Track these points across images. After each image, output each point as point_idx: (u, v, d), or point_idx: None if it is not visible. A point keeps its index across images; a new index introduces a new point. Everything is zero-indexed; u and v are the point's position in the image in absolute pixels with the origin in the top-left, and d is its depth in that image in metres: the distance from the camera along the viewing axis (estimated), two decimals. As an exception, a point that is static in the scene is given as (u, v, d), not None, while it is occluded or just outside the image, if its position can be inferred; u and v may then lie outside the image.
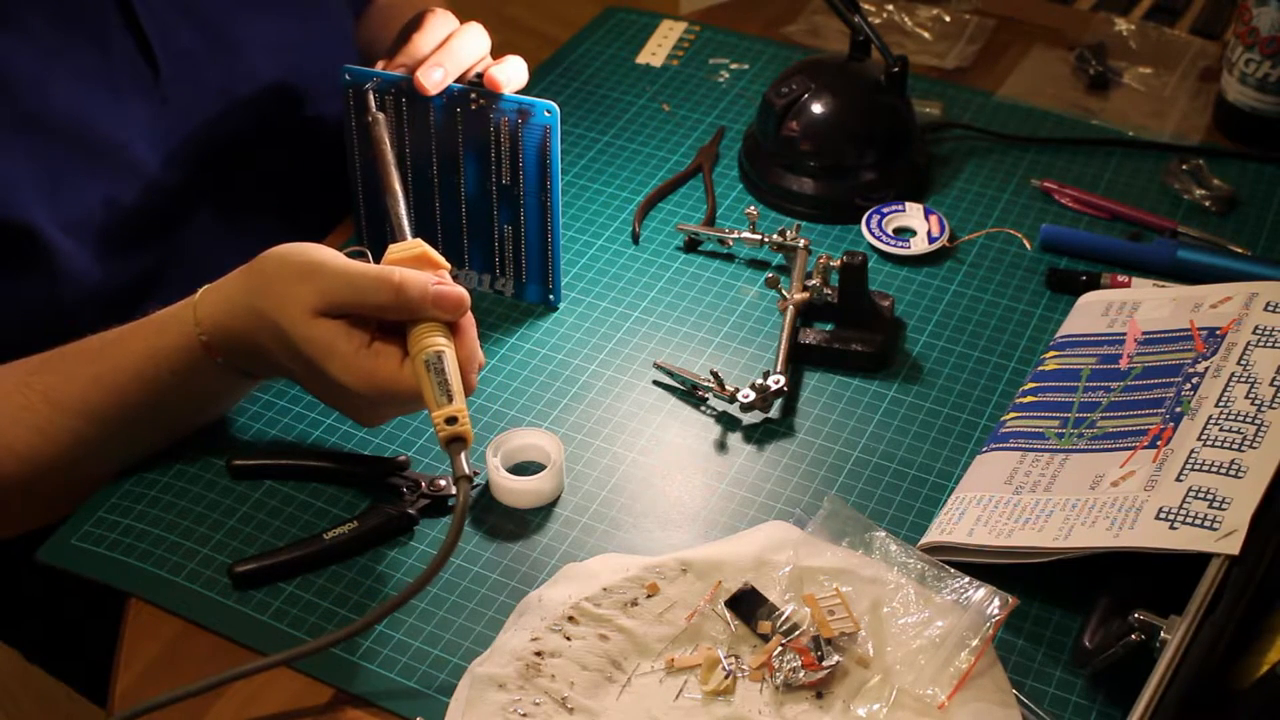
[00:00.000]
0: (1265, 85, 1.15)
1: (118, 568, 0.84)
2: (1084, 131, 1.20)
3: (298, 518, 0.87)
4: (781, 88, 1.11)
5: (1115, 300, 0.98)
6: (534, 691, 0.74)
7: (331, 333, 0.78)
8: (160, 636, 0.81)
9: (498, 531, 0.86)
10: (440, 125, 0.95)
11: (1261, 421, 0.80)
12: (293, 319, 0.78)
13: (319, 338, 0.78)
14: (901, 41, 1.32)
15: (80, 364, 0.85)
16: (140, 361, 0.84)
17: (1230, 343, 0.88)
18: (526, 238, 0.98)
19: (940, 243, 1.06)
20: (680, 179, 1.15)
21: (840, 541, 0.81)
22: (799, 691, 0.75)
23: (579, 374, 0.97)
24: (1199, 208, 1.11)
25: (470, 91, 0.93)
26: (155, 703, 0.74)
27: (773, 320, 1.01)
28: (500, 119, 0.93)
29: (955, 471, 0.89)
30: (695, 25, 1.35)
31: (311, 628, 0.80)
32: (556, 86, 1.26)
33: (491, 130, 0.94)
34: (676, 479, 0.89)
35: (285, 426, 0.93)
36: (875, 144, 1.11)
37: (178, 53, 0.97)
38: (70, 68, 0.91)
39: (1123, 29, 1.33)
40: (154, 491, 0.88)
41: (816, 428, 0.93)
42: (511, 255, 1.00)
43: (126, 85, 0.94)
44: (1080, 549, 0.77)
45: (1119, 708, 0.75)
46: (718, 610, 0.78)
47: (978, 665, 0.74)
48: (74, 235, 0.91)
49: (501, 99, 0.93)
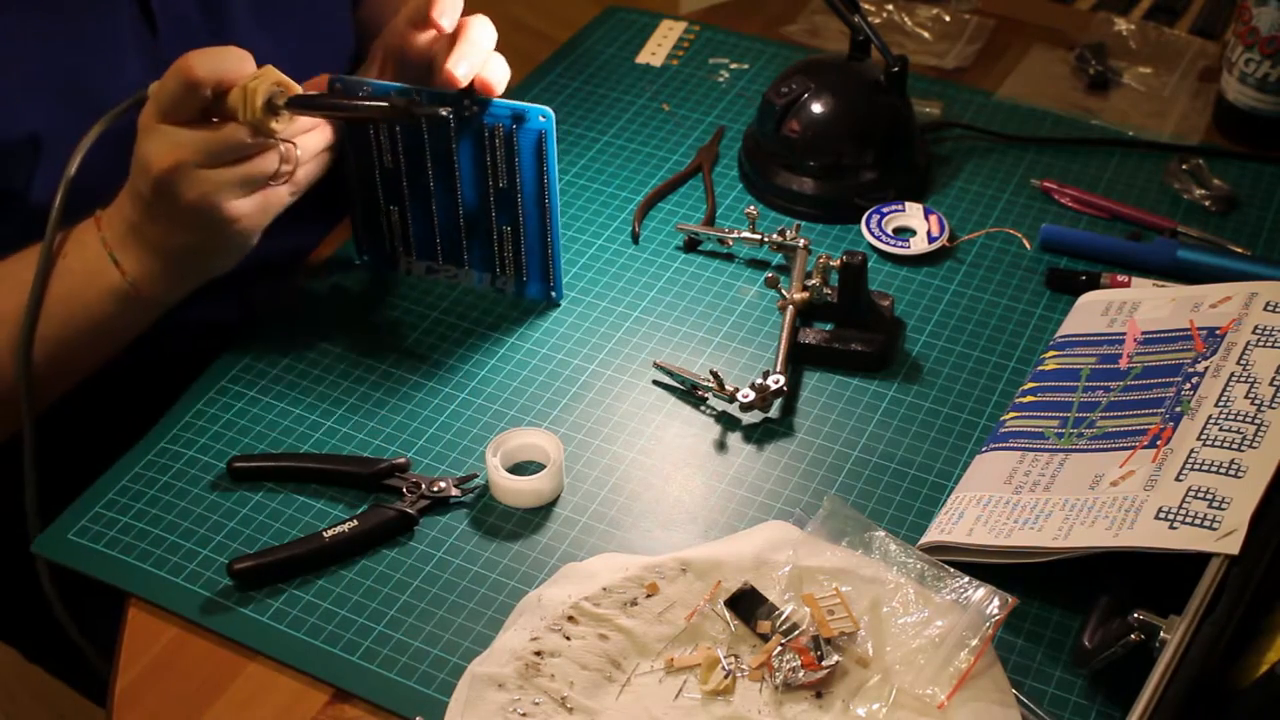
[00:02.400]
0: (1265, 85, 1.15)
1: (115, 566, 0.84)
2: (1084, 131, 1.20)
3: (298, 519, 0.87)
4: (781, 88, 1.11)
5: (1115, 300, 0.98)
6: (533, 691, 0.74)
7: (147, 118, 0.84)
8: (160, 636, 0.81)
9: (497, 531, 0.86)
10: (435, 131, 0.95)
11: (1261, 421, 0.80)
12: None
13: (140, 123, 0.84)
14: (901, 41, 1.32)
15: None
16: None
17: (1230, 342, 0.88)
18: (526, 238, 0.98)
19: (940, 243, 1.06)
20: (680, 179, 1.15)
21: (840, 541, 0.81)
22: (798, 691, 0.75)
23: (579, 374, 0.97)
24: (1199, 208, 1.11)
25: (464, 98, 0.93)
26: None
27: (773, 320, 1.01)
28: (495, 125, 0.93)
29: (955, 471, 0.89)
30: (695, 25, 1.35)
31: (311, 628, 0.80)
32: (556, 86, 1.26)
33: (486, 136, 0.94)
34: (676, 479, 0.89)
35: (285, 427, 0.93)
36: (875, 144, 1.11)
37: (177, 17, 0.97)
38: (72, 28, 0.91)
39: (1123, 29, 1.33)
40: (154, 491, 0.88)
41: (816, 428, 0.93)
42: (511, 255, 1.00)
43: (126, 45, 0.94)
44: (1080, 549, 0.77)
45: (1119, 708, 0.75)
46: (717, 610, 0.78)
47: (977, 665, 0.74)
48: (66, 200, 0.91)
49: (494, 105, 0.92)
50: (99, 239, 0.89)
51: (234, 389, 0.96)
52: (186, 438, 0.92)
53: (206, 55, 0.83)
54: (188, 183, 0.84)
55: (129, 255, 0.88)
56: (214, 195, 0.85)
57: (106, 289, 0.89)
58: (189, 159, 0.84)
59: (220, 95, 0.84)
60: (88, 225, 0.90)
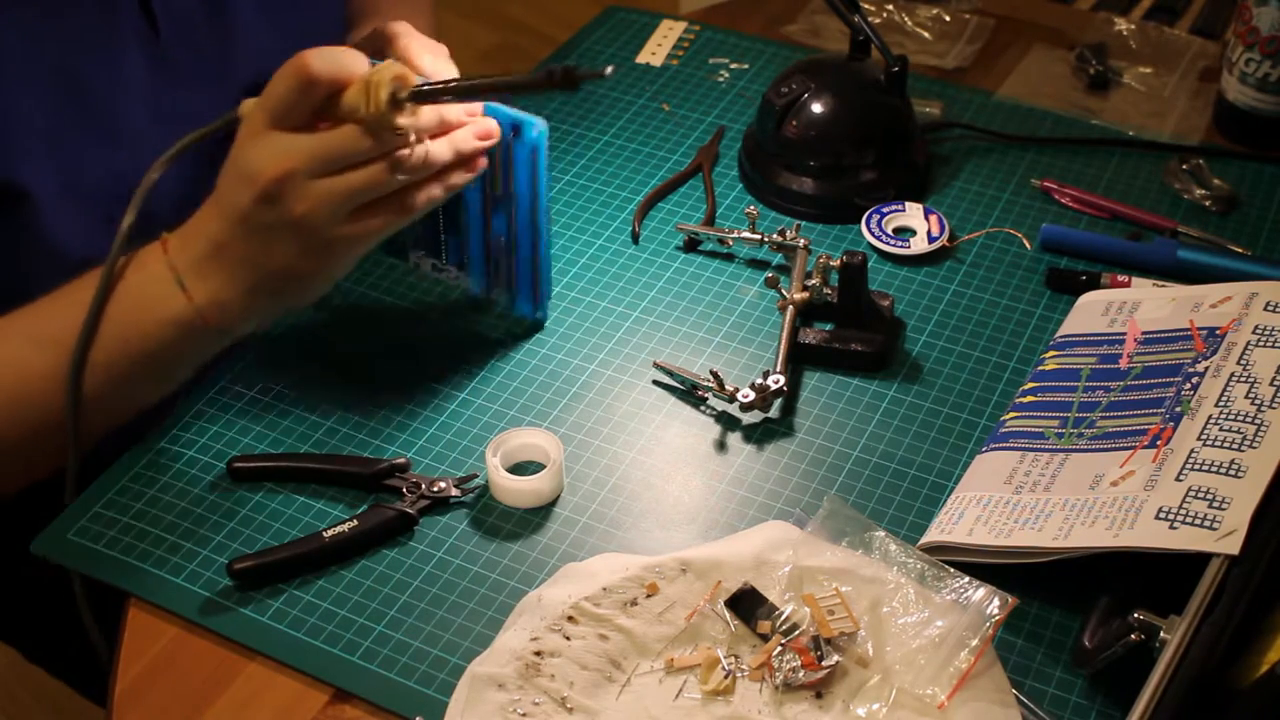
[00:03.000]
0: (1265, 85, 1.15)
1: (115, 566, 0.84)
2: (1084, 131, 1.20)
3: (298, 519, 0.87)
4: (781, 87, 1.11)
5: (1115, 300, 0.98)
6: (533, 691, 0.74)
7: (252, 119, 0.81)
8: (160, 636, 0.81)
9: (497, 531, 0.86)
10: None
11: (1261, 421, 0.80)
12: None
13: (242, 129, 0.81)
14: (901, 41, 1.32)
15: (57, 301, 0.86)
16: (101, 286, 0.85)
17: (1230, 342, 0.88)
18: (518, 250, 0.98)
19: (940, 242, 1.06)
20: (680, 179, 1.15)
21: (840, 541, 0.81)
22: (798, 691, 0.75)
23: (579, 374, 0.97)
24: (1199, 208, 1.11)
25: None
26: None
27: (772, 320, 1.01)
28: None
29: (955, 471, 0.89)
30: (695, 25, 1.35)
31: (311, 628, 0.80)
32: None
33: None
34: (676, 479, 0.89)
35: (285, 427, 0.93)
36: (875, 144, 1.11)
37: (178, 15, 0.96)
38: (71, 27, 0.90)
39: (1123, 29, 1.33)
40: (154, 491, 0.88)
41: (816, 428, 0.93)
42: (505, 268, 0.99)
43: (128, 43, 0.93)
44: (1080, 549, 0.77)
45: (1119, 708, 0.75)
46: (717, 610, 0.78)
47: (977, 665, 0.74)
48: (65, 197, 0.90)
49: (496, 112, 0.90)
50: (165, 262, 0.84)
51: (234, 389, 0.96)
52: (186, 438, 0.92)
53: (323, 53, 0.79)
54: (298, 194, 0.79)
55: (204, 279, 0.84)
56: (324, 209, 0.80)
57: (168, 316, 0.84)
58: (301, 167, 0.78)
59: (333, 97, 0.79)
60: (153, 248, 0.85)
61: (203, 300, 0.84)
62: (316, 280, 0.86)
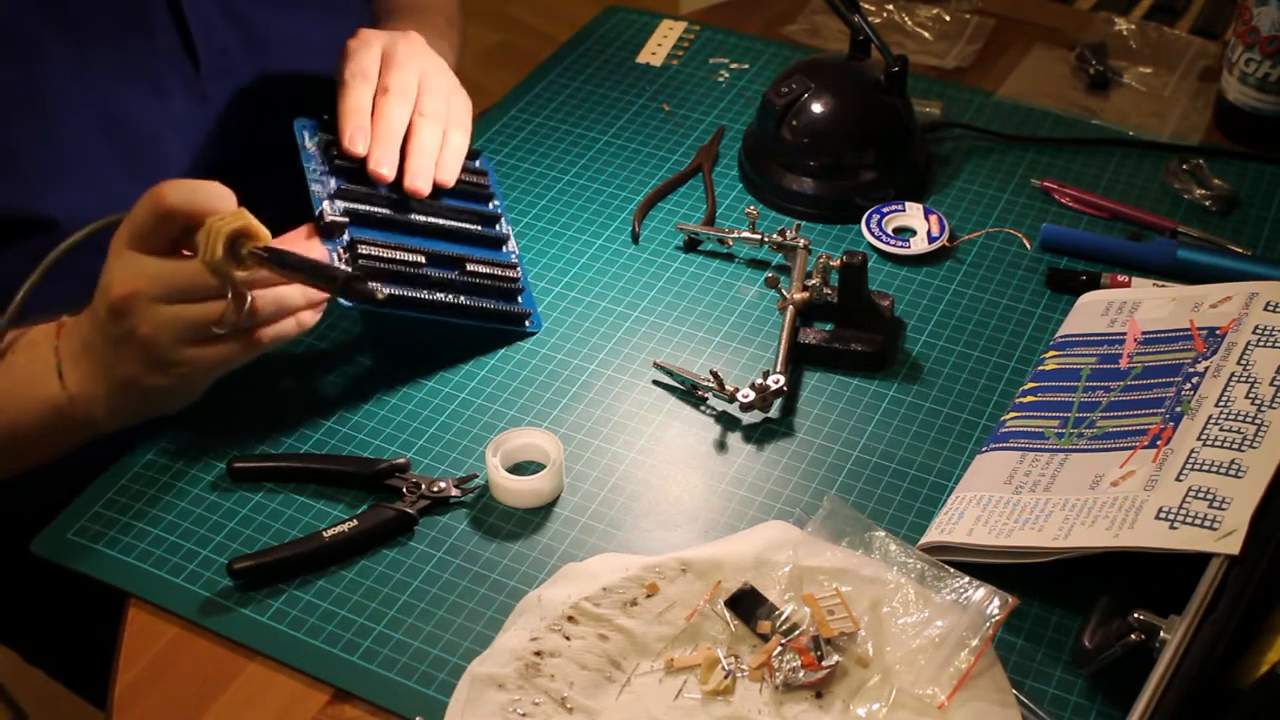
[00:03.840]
0: (1265, 85, 1.15)
1: (115, 566, 0.84)
2: (1084, 131, 1.20)
3: (298, 519, 0.87)
4: (781, 87, 1.11)
5: (1115, 300, 0.98)
6: (533, 691, 0.74)
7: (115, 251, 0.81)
8: (160, 636, 0.81)
9: (497, 531, 0.86)
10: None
11: (1261, 421, 0.80)
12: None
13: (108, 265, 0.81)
14: (901, 41, 1.32)
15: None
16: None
17: (1230, 342, 0.88)
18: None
19: (940, 242, 1.06)
20: (680, 179, 1.15)
21: (840, 541, 0.81)
22: (798, 691, 0.75)
23: (579, 374, 0.97)
24: (1199, 208, 1.11)
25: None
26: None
27: (773, 320, 1.01)
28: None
29: (955, 471, 0.89)
30: (695, 25, 1.35)
31: (311, 628, 0.80)
32: (556, 86, 1.26)
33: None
34: (676, 479, 0.89)
35: (285, 427, 0.93)
36: (875, 144, 1.11)
37: (218, 50, 0.97)
38: (113, 60, 0.91)
39: (1123, 29, 1.33)
40: (153, 491, 0.89)
41: (816, 427, 0.93)
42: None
43: (168, 80, 0.94)
44: (1080, 549, 0.77)
45: (1119, 708, 0.75)
46: (717, 610, 0.78)
47: (977, 665, 0.74)
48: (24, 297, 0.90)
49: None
50: (52, 347, 0.86)
51: (234, 389, 0.96)
52: (186, 438, 0.92)
53: (182, 186, 0.80)
54: (141, 315, 0.81)
55: (77, 371, 0.85)
56: (166, 333, 0.81)
57: (44, 397, 0.85)
58: (146, 290, 0.80)
59: (192, 230, 0.81)
60: (48, 328, 0.87)
61: (74, 390, 0.85)
62: (170, 394, 0.87)
